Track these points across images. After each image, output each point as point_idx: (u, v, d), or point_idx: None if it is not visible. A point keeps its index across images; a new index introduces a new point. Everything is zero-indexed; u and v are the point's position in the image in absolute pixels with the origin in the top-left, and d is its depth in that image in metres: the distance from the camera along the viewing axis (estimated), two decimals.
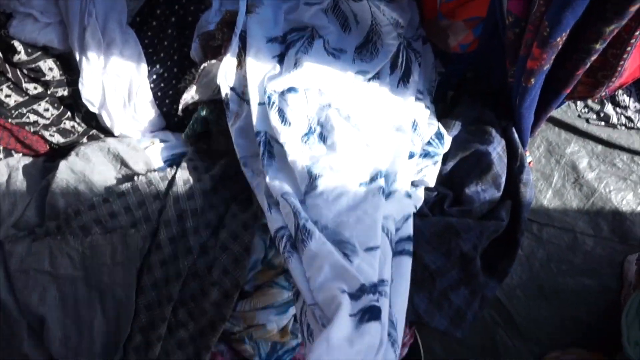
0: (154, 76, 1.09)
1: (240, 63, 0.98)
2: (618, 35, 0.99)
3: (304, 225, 0.72)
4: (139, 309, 0.94)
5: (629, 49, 1.03)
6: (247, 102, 0.93)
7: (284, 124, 0.84)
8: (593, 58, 0.86)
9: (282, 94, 0.88)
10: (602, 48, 0.83)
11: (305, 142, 0.85)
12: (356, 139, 0.87)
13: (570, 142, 1.41)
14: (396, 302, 0.72)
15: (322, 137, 0.87)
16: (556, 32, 0.77)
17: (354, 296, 0.66)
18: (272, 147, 0.87)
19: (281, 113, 0.86)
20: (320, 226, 0.73)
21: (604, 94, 1.28)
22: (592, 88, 1.21)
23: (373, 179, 0.81)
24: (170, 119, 1.14)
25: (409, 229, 0.83)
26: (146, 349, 0.93)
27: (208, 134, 1.10)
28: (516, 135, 1.11)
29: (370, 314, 0.64)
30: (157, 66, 1.07)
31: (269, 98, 0.87)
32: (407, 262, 0.78)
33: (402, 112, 0.97)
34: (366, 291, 0.66)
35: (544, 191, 1.40)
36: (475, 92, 1.15)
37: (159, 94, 1.10)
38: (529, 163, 1.40)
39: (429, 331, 1.24)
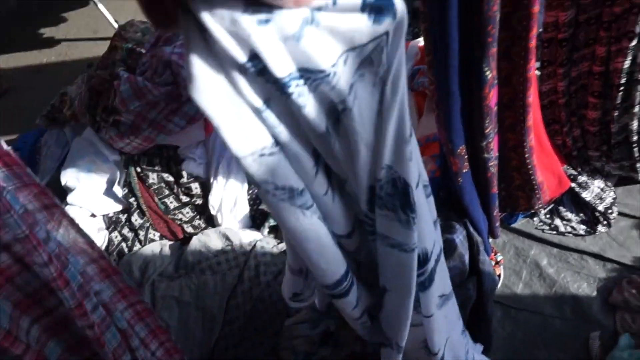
0: (249, 192, 1.84)
1: None
2: (519, 160, 1.58)
3: None
4: (224, 322, 1.50)
5: (530, 167, 1.60)
6: None
7: None
8: (492, 164, 1.41)
9: None
10: (491, 157, 1.37)
11: None
12: None
13: (532, 246, 1.89)
14: None
15: None
16: (455, 146, 1.34)
17: None
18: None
19: None
20: None
21: (540, 206, 1.82)
22: (528, 201, 1.77)
23: None
24: (255, 219, 1.85)
25: None
26: (226, 349, 1.46)
27: (277, 227, 1.77)
28: (471, 228, 1.64)
29: None
30: (252, 186, 1.84)
31: None
32: None
33: None
34: None
35: (517, 284, 1.82)
36: (446, 203, 1.74)
37: (251, 202, 1.84)
38: (501, 260, 1.87)
39: None
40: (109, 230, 1.86)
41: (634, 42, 1.48)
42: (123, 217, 1.88)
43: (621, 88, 1.61)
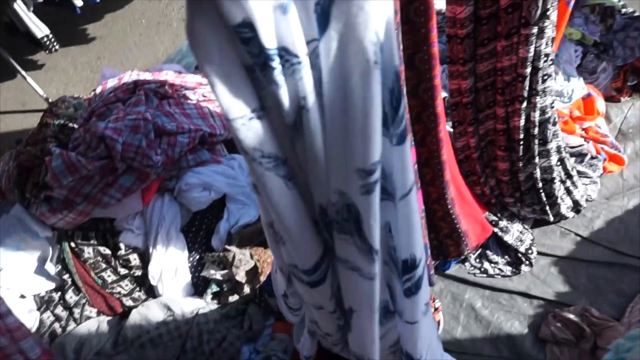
0: (190, 259, 1.87)
1: None
2: (443, 210, 1.76)
3: None
4: None
5: (454, 216, 1.78)
6: None
7: None
8: None
9: None
10: None
11: None
12: None
13: (467, 290, 2.04)
14: None
15: None
16: None
17: None
18: None
19: None
20: None
21: (469, 252, 2.00)
22: (458, 248, 1.94)
23: None
24: (197, 286, 1.86)
25: None
26: None
27: (219, 293, 1.80)
28: None
29: None
30: (193, 252, 1.87)
31: None
32: None
33: None
34: None
35: (456, 328, 1.95)
36: None
37: (192, 270, 1.86)
38: (439, 307, 2.00)
39: None
40: (40, 310, 1.79)
41: (524, 104, 1.75)
42: (56, 296, 1.82)
43: (521, 142, 1.88)
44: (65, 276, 1.81)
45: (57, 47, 3.25)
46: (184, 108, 2.28)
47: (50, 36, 3.19)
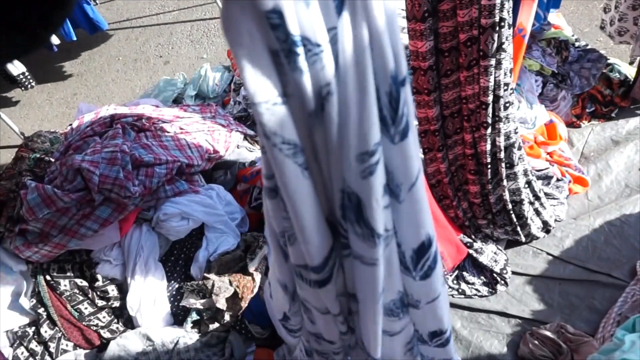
0: (169, 289, 1.90)
1: None
2: None
3: None
4: None
5: None
6: None
7: None
8: None
9: None
10: None
11: None
12: None
13: None
14: None
15: None
16: None
17: None
18: None
19: None
20: None
21: (446, 274, 2.08)
22: None
23: None
24: (177, 316, 1.89)
25: None
26: None
27: (200, 322, 1.83)
28: None
29: None
30: (172, 282, 1.90)
31: None
32: None
33: None
34: None
35: None
36: None
37: (171, 299, 1.88)
38: None
39: None
40: (13, 346, 1.77)
41: (489, 130, 1.90)
42: (30, 330, 1.81)
43: (489, 166, 2.02)
44: (40, 310, 1.81)
45: (33, 84, 3.32)
46: (161, 140, 2.36)
47: (27, 73, 3.27)
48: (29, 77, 3.30)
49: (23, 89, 3.34)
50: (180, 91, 3.27)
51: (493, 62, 1.74)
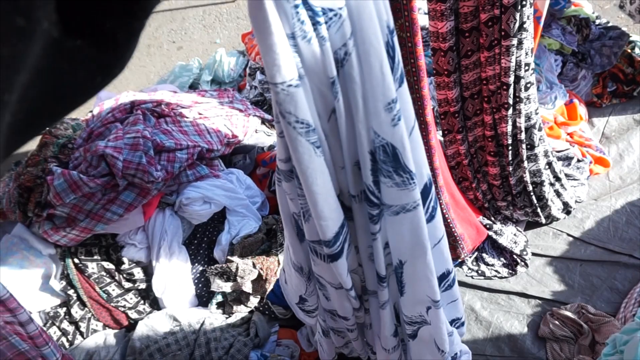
0: (193, 271, 1.95)
1: None
2: None
3: None
4: None
5: (449, 220, 1.90)
6: None
7: None
8: None
9: None
10: None
11: None
12: None
13: (466, 292, 2.14)
14: None
15: None
16: None
17: None
18: None
19: None
20: None
21: (465, 255, 2.11)
22: (454, 252, 2.05)
23: None
24: (201, 297, 1.94)
25: None
26: None
27: (224, 303, 1.88)
28: None
29: None
30: (195, 264, 1.95)
31: None
32: None
33: None
34: None
35: None
36: None
37: (195, 281, 1.94)
38: None
39: None
40: (46, 326, 1.84)
41: (510, 111, 1.91)
42: (62, 311, 1.88)
43: (510, 147, 2.02)
44: (70, 291, 1.88)
45: None
46: (180, 126, 2.39)
47: None
48: None
49: None
50: (196, 77, 3.29)
51: (515, 41, 1.73)
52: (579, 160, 2.39)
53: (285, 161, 0.93)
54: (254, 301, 1.87)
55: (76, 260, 1.92)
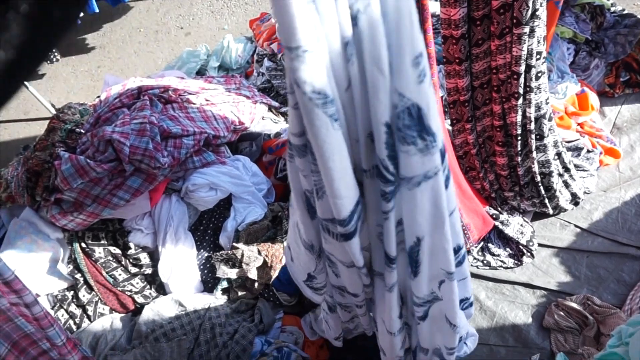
0: (199, 257, 1.96)
1: None
2: None
3: None
4: None
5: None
6: None
7: None
8: None
9: None
10: None
11: None
12: None
13: (471, 283, 2.12)
14: None
15: None
16: None
17: None
18: None
19: None
20: None
21: (471, 245, 2.09)
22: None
23: None
24: (207, 283, 1.95)
25: None
26: None
27: (229, 289, 1.89)
28: None
29: None
30: (201, 250, 1.96)
31: None
32: None
33: None
34: None
35: None
36: None
37: (201, 267, 1.94)
38: None
39: None
40: (54, 309, 1.87)
41: (520, 101, 1.87)
42: (69, 294, 1.90)
43: (519, 137, 1.99)
44: (78, 275, 1.90)
45: (58, 57, 3.37)
46: (187, 112, 2.38)
47: None
48: (54, 50, 3.34)
49: (49, 62, 3.39)
50: (203, 62, 3.27)
51: (527, 29, 1.69)
52: (588, 151, 2.35)
53: (299, 135, 0.87)
54: (258, 288, 1.88)
55: (83, 245, 1.93)
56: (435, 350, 1.28)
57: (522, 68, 1.79)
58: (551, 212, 2.24)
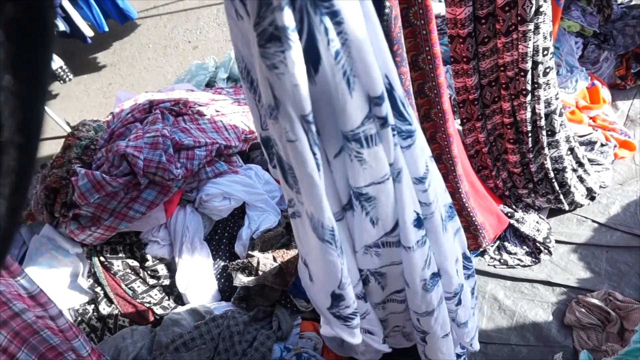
0: (215, 267, 1.97)
1: None
2: (458, 204, 1.86)
3: None
4: None
5: (469, 209, 1.88)
6: None
7: None
8: None
9: None
10: None
11: None
12: None
13: (488, 282, 2.11)
14: None
15: None
16: None
17: None
18: None
19: None
20: None
21: (487, 244, 2.08)
22: (476, 241, 2.02)
23: None
24: (224, 292, 1.97)
25: None
26: None
27: (246, 297, 1.90)
28: None
29: None
30: (217, 260, 1.97)
31: None
32: None
33: None
34: None
35: (481, 319, 2.02)
36: None
37: (218, 276, 1.96)
38: None
39: None
40: (75, 322, 1.90)
41: (528, 98, 1.86)
42: (90, 308, 1.93)
43: (529, 134, 1.98)
44: (97, 289, 1.93)
45: (70, 76, 3.44)
46: (198, 123, 2.42)
47: (64, 66, 3.39)
48: (66, 70, 3.41)
49: (61, 82, 3.46)
50: (212, 74, 3.31)
51: (531, 26, 1.69)
52: (602, 145, 2.32)
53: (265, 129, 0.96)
54: (275, 295, 1.88)
55: (102, 259, 1.97)
56: None
57: (529, 65, 1.78)
58: (567, 208, 2.21)
